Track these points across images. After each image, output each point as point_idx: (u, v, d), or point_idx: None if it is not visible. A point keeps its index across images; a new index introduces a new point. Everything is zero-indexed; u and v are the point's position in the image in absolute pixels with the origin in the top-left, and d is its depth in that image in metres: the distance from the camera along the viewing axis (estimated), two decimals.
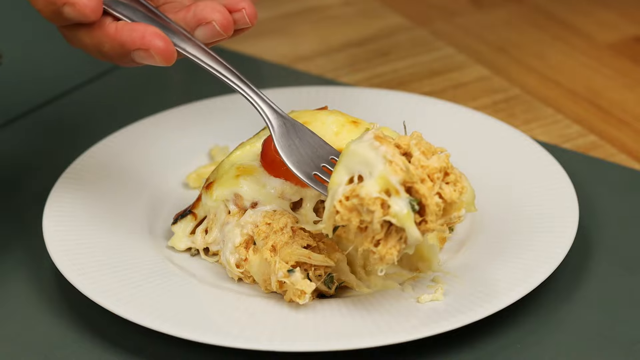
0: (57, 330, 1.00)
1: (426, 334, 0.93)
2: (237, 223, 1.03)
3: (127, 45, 0.94)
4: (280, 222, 1.02)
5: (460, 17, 1.59)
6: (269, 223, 1.02)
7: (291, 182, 1.04)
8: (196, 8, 0.96)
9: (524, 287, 0.98)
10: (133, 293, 0.99)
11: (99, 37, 0.95)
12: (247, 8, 0.97)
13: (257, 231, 1.02)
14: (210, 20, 0.96)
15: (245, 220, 1.03)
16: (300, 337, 0.94)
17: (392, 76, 1.44)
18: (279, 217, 1.02)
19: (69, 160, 1.18)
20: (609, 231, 1.11)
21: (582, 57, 1.47)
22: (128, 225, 1.10)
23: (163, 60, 0.94)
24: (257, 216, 1.03)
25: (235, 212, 1.04)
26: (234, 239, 1.03)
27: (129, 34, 0.93)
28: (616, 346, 0.97)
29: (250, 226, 1.03)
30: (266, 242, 1.01)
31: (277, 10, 1.62)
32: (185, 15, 0.97)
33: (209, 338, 0.93)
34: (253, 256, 1.01)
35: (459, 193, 0.94)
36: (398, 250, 0.93)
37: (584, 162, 1.23)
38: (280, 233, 1.01)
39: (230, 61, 1.00)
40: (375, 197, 0.92)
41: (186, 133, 1.25)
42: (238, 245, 1.02)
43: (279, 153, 1.00)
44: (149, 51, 0.93)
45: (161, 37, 0.93)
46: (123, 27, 0.94)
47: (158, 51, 0.93)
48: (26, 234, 1.12)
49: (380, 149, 0.93)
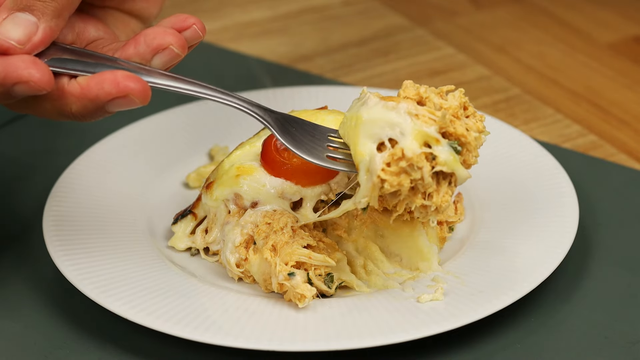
0: (57, 330, 1.00)
1: (426, 334, 0.93)
2: (237, 223, 1.03)
3: (100, 99, 0.89)
4: (280, 222, 1.01)
5: (460, 17, 1.59)
6: (269, 223, 1.02)
7: (291, 181, 1.04)
8: (146, 38, 0.93)
9: (523, 287, 0.98)
10: (133, 293, 0.99)
11: (62, 101, 0.90)
12: (196, 23, 0.95)
13: (257, 231, 1.02)
14: (167, 45, 0.92)
15: (245, 220, 1.03)
16: (300, 337, 0.94)
17: (392, 76, 1.44)
18: (279, 216, 1.02)
19: (69, 160, 1.18)
20: (609, 231, 1.11)
21: (582, 57, 1.47)
22: (128, 224, 1.10)
23: (142, 101, 0.90)
24: (257, 216, 1.03)
25: (235, 211, 1.04)
26: (234, 238, 1.03)
27: (99, 87, 0.89)
28: (616, 346, 0.97)
29: (250, 226, 1.03)
30: (266, 242, 1.00)
31: (277, 10, 1.62)
32: (135, 49, 0.93)
33: (209, 338, 0.93)
34: (253, 256, 1.01)
35: (482, 122, 0.96)
36: (451, 195, 0.94)
37: (584, 161, 1.23)
38: (281, 233, 1.01)
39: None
40: (420, 153, 0.92)
41: (186, 133, 1.25)
42: (238, 245, 1.02)
43: (288, 147, 0.98)
44: (128, 97, 0.89)
45: (134, 79, 0.89)
46: (88, 83, 0.90)
47: (137, 93, 0.89)
48: (26, 235, 1.12)
49: (400, 107, 0.93)
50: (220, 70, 1.46)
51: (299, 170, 1.03)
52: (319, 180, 1.04)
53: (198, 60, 1.46)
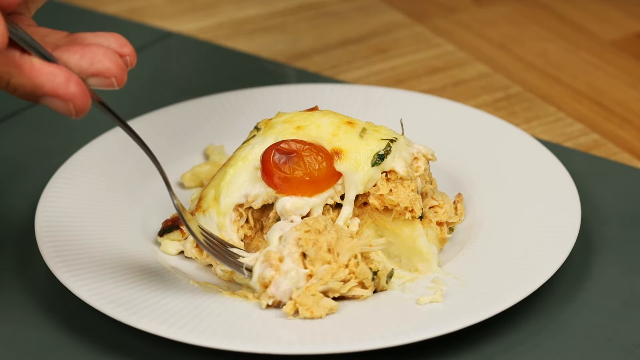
0: (51, 333, 0.99)
1: (425, 337, 0.93)
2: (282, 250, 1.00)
3: (43, 89, 0.87)
4: (319, 224, 1.00)
5: (460, 14, 1.59)
6: (308, 230, 0.99)
7: (298, 195, 1.03)
8: (93, 57, 0.89)
9: (525, 288, 0.97)
10: (127, 295, 0.98)
11: (5, 68, 0.87)
12: (130, 55, 0.92)
13: (305, 240, 0.99)
14: (110, 75, 0.89)
15: (285, 237, 1.00)
16: (297, 340, 0.94)
17: (391, 74, 1.44)
18: (314, 221, 1.00)
19: (62, 159, 1.18)
20: (612, 231, 1.11)
21: (585, 54, 1.47)
22: (122, 225, 1.09)
23: (78, 113, 0.88)
24: (292, 234, 0.99)
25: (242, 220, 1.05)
26: (297, 267, 0.99)
27: (48, 78, 0.87)
28: (618, 349, 0.97)
29: (292, 243, 0.99)
30: (319, 248, 0.98)
31: (274, 6, 1.62)
32: (79, 62, 0.89)
33: (205, 341, 0.93)
34: (313, 267, 0.99)
35: None
36: None
37: (586, 161, 1.23)
38: (327, 232, 0.99)
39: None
40: None
41: (181, 131, 1.24)
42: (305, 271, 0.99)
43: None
44: (68, 103, 0.87)
45: (82, 88, 0.87)
46: (42, 67, 0.87)
47: (78, 103, 0.87)
48: (18, 236, 1.12)
49: None
50: (215, 68, 1.46)
51: (303, 182, 1.03)
52: (324, 187, 1.03)
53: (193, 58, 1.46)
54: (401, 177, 1.04)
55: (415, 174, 1.05)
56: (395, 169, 1.04)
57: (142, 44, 1.49)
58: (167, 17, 1.58)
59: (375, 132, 1.06)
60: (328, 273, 0.97)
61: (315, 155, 1.03)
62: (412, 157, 1.06)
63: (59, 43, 0.91)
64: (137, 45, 1.48)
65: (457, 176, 1.15)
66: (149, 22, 1.57)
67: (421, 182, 1.06)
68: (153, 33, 1.53)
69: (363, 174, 1.03)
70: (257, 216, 1.06)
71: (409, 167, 1.05)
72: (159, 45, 1.51)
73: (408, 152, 1.06)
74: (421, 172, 1.06)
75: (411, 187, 1.04)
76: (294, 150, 1.03)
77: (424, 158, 1.07)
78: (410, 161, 1.06)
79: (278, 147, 1.03)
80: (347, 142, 1.05)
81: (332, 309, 0.97)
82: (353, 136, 1.05)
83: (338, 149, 1.04)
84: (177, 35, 1.53)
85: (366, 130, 1.06)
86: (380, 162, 1.04)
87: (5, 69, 0.87)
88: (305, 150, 1.03)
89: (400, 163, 1.04)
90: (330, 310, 0.97)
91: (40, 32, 0.92)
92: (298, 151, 1.03)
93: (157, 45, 1.50)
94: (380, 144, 1.05)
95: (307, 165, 1.03)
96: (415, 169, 1.06)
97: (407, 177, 1.04)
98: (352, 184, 1.03)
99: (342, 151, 1.04)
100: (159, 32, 1.53)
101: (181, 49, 1.51)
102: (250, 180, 1.05)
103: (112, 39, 0.92)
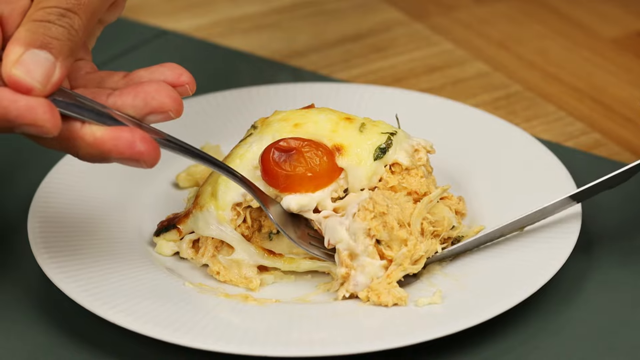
0: (43, 334, 0.99)
1: (423, 339, 0.93)
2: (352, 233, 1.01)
3: (111, 155, 0.90)
4: (381, 205, 1.00)
5: (459, 11, 1.59)
6: (374, 217, 1.00)
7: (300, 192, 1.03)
8: (145, 95, 0.92)
9: (524, 289, 0.97)
10: (121, 296, 0.98)
11: (72, 143, 0.91)
12: (189, 83, 0.95)
13: (375, 228, 0.99)
14: (166, 110, 0.92)
15: (353, 231, 1.00)
16: (295, 342, 0.93)
17: (389, 72, 1.44)
18: (374, 204, 1.00)
19: (55, 160, 1.17)
20: (613, 232, 1.10)
21: (585, 53, 1.47)
22: (116, 226, 1.09)
23: (150, 166, 0.91)
24: (360, 226, 1.00)
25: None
26: (373, 261, 1.00)
27: (113, 144, 0.90)
28: (620, 351, 0.97)
29: (363, 237, 1.00)
30: (391, 228, 0.99)
31: (270, 4, 1.62)
32: (133, 102, 0.92)
33: (200, 343, 0.93)
34: (391, 250, 1.00)
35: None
36: None
37: (587, 160, 1.23)
38: (391, 209, 0.99)
39: None
40: None
41: (176, 131, 1.21)
42: (381, 262, 1.00)
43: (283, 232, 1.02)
44: (139, 161, 0.90)
45: (149, 143, 0.90)
46: (103, 136, 0.90)
47: (148, 159, 0.90)
48: (10, 237, 1.11)
49: None
50: (211, 67, 1.46)
51: (305, 178, 1.03)
52: (327, 182, 1.03)
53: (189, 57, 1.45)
54: (406, 167, 1.05)
55: (418, 163, 1.06)
56: (398, 160, 1.05)
57: (137, 42, 1.50)
58: (162, 15, 1.58)
59: (374, 126, 1.06)
60: (406, 258, 0.99)
61: (315, 151, 1.03)
62: (413, 149, 1.07)
63: (116, 86, 0.95)
64: (132, 43, 1.49)
65: (456, 176, 1.15)
66: (145, 20, 1.57)
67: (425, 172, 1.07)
68: (148, 31, 1.53)
69: (366, 169, 1.03)
70: (255, 215, 1.06)
71: (411, 157, 1.05)
72: (154, 43, 1.51)
73: (408, 144, 1.06)
74: (424, 162, 1.07)
75: (419, 175, 1.05)
76: (294, 148, 1.03)
77: (424, 150, 1.07)
78: (412, 152, 1.06)
79: (277, 146, 1.03)
80: (347, 137, 1.05)
81: (402, 299, 0.97)
82: (352, 131, 1.05)
83: (339, 145, 1.04)
84: (172, 33, 1.53)
85: (365, 125, 1.06)
86: (382, 156, 1.04)
87: (71, 143, 0.91)
88: (305, 147, 1.03)
89: (403, 154, 1.05)
90: (399, 300, 0.97)
91: (98, 78, 0.96)
92: (297, 148, 1.03)
93: (152, 44, 1.51)
94: (380, 137, 1.05)
95: (308, 161, 1.03)
96: (417, 160, 1.06)
97: (413, 167, 1.05)
98: (356, 179, 1.04)
99: (343, 146, 1.04)
100: (155, 30, 1.54)
101: (177, 47, 1.51)
102: (248, 178, 1.04)
103: (168, 72, 0.94)
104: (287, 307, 0.99)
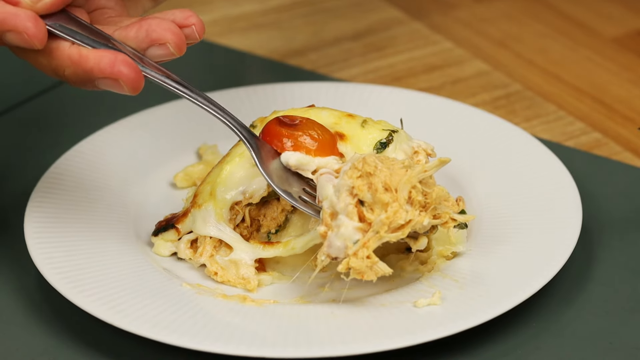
0: (40, 336, 0.99)
1: (422, 340, 0.93)
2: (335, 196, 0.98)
3: (94, 73, 0.93)
4: (369, 166, 0.97)
5: (459, 10, 1.60)
6: (360, 175, 0.97)
7: (301, 152, 1.03)
8: (148, 27, 0.95)
9: (524, 290, 0.97)
10: (119, 297, 0.98)
11: (59, 61, 0.94)
12: (196, 24, 0.97)
13: (359, 187, 0.96)
14: (164, 41, 0.95)
15: (338, 187, 0.97)
16: (293, 343, 0.93)
17: (388, 71, 1.44)
18: (363, 164, 0.97)
19: (52, 159, 1.17)
20: (613, 232, 1.10)
21: (586, 52, 1.48)
22: (113, 226, 1.09)
23: (131, 90, 0.93)
24: (345, 183, 0.97)
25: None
26: (349, 222, 0.96)
27: (95, 62, 0.93)
28: (621, 352, 0.96)
29: (345, 194, 0.96)
30: (375, 190, 0.95)
31: (268, 3, 1.62)
32: (136, 34, 0.96)
33: (197, 344, 0.93)
34: (373, 213, 0.96)
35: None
36: None
37: (588, 160, 1.23)
38: (379, 171, 0.96)
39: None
40: None
41: (173, 131, 1.24)
42: (356, 224, 0.96)
43: (265, 179, 1.01)
44: (118, 81, 0.92)
45: (131, 66, 0.92)
46: (88, 54, 0.93)
47: (128, 81, 0.92)
48: (7, 237, 1.11)
49: None
50: (209, 66, 1.46)
51: (310, 137, 1.03)
52: (328, 152, 1.03)
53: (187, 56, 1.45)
54: None
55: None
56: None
57: None
58: None
59: (376, 124, 1.07)
60: (384, 224, 0.95)
61: (318, 126, 1.04)
62: (413, 151, 1.06)
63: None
64: None
65: (455, 176, 1.15)
66: None
67: None
68: None
69: None
70: (254, 214, 1.06)
71: (410, 158, 1.05)
72: None
73: (408, 145, 1.06)
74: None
75: None
76: (297, 118, 1.04)
77: (424, 152, 1.07)
78: (411, 154, 1.06)
79: (280, 118, 1.04)
80: (349, 130, 1.06)
81: (385, 274, 0.96)
82: (355, 126, 1.06)
83: (341, 132, 1.05)
84: None
85: (367, 121, 1.07)
86: (382, 150, 1.04)
87: (58, 62, 0.94)
88: (308, 122, 1.04)
89: (401, 154, 1.05)
90: (383, 274, 0.96)
91: (117, 20, 0.99)
92: (301, 120, 1.04)
93: None
94: (382, 133, 1.06)
95: (311, 132, 1.03)
96: (416, 162, 1.05)
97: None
98: None
99: (345, 135, 1.05)
100: None
101: None
102: (248, 176, 1.04)
103: (178, 12, 0.97)
104: (285, 308, 0.99)
